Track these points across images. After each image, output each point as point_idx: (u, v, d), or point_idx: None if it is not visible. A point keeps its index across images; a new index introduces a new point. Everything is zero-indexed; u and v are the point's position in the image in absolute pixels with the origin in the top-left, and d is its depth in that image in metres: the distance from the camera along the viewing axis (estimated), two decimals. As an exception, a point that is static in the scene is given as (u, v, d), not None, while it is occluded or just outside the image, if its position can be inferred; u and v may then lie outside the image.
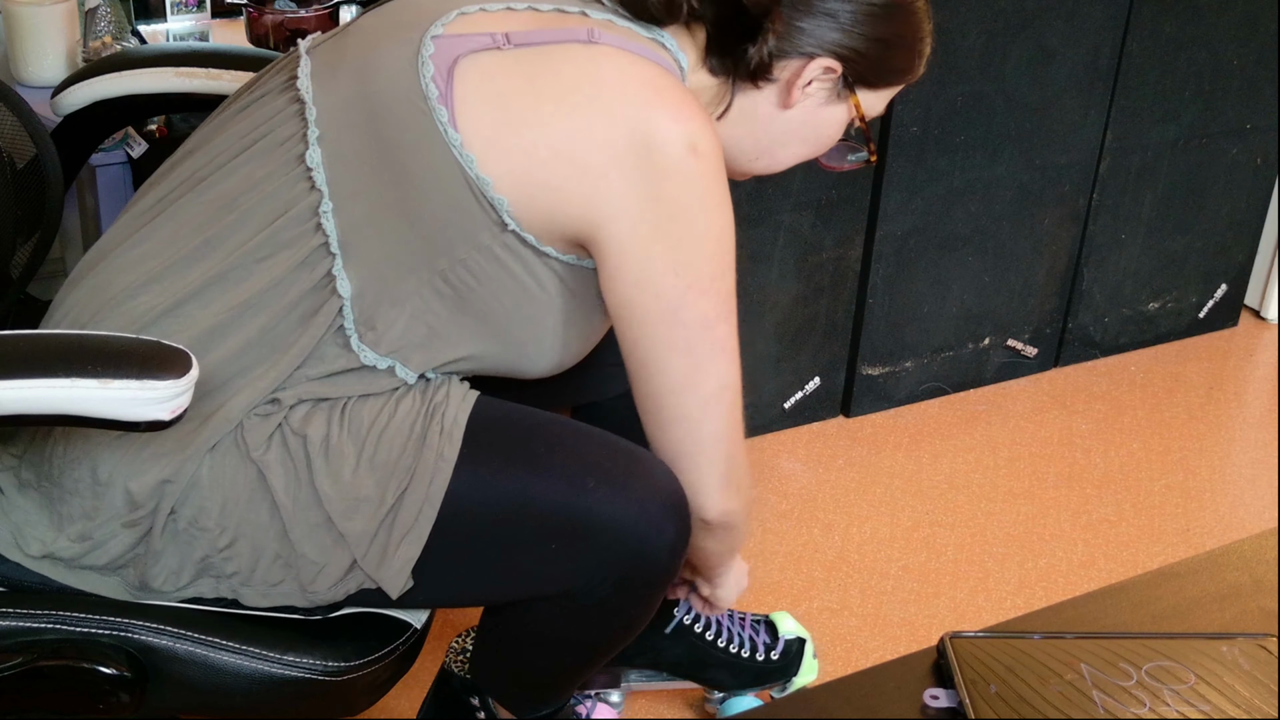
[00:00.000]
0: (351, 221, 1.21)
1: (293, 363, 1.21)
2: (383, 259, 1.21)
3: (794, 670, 1.79)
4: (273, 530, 1.22)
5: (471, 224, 1.20)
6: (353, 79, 1.24)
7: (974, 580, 2.12)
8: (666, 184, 1.18)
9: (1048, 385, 2.64)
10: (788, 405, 2.41)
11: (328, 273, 1.21)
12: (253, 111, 1.29)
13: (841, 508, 2.26)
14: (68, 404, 1.05)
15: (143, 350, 1.08)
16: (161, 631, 1.21)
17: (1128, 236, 2.61)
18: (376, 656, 1.25)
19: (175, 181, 1.29)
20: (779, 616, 1.81)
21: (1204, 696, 1.12)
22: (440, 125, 1.18)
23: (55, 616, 1.20)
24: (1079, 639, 1.19)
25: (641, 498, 1.23)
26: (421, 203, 1.20)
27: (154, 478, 1.20)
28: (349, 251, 1.21)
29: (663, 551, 1.25)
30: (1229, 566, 1.33)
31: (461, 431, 1.23)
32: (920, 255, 2.39)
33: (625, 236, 1.19)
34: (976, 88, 2.29)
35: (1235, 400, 2.65)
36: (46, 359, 1.06)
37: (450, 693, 1.55)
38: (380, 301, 1.22)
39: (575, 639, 1.35)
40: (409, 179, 1.19)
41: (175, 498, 1.20)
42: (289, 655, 1.22)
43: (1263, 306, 2.89)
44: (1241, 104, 2.58)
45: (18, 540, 1.23)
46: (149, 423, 1.06)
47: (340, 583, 1.24)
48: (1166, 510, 2.31)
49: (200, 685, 1.22)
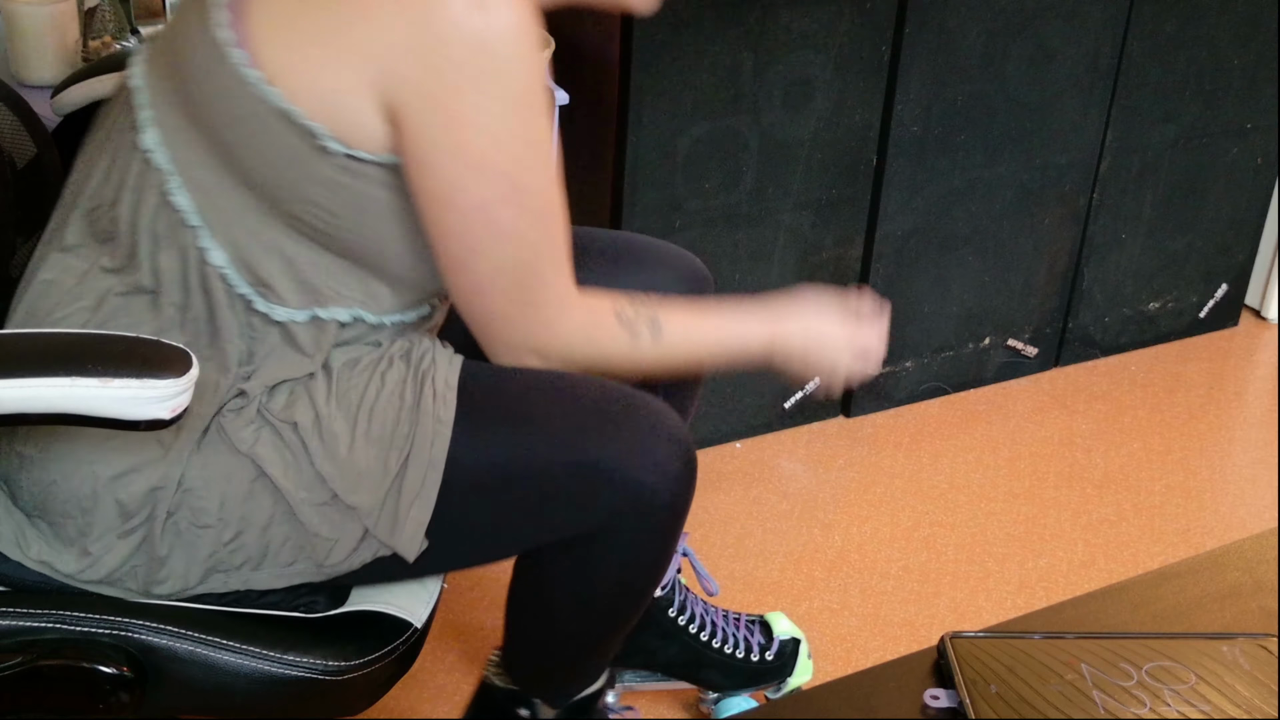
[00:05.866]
0: (203, 192, 1.21)
1: (234, 343, 1.23)
2: (238, 221, 1.22)
3: (789, 671, 1.79)
4: (278, 515, 1.22)
5: (298, 158, 1.18)
6: (166, 52, 1.25)
7: (974, 580, 2.12)
8: (444, 49, 1.14)
9: (1048, 385, 2.63)
10: (788, 405, 2.41)
11: (196, 247, 1.22)
12: (108, 111, 1.31)
13: (841, 508, 2.26)
14: (68, 403, 1.05)
15: (143, 350, 1.09)
16: (162, 631, 1.21)
17: (1128, 236, 2.61)
18: (377, 656, 1.25)
19: (67, 190, 1.32)
20: (774, 617, 1.81)
21: (1204, 697, 1.12)
22: (239, 69, 1.17)
23: (55, 616, 1.20)
24: (1079, 639, 1.19)
25: (642, 436, 1.24)
26: (246, 153, 1.19)
27: (142, 486, 1.20)
28: (210, 221, 1.22)
29: (667, 488, 1.25)
30: (1229, 566, 1.33)
31: (454, 393, 1.25)
32: (920, 255, 2.39)
33: (410, 114, 1.16)
34: (977, 88, 2.29)
35: (1236, 400, 2.65)
36: (47, 358, 1.06)
37: (492, 704, 1.54)
38: (259, 261, 1.22)
39: (598, 597, 1.34)
40: (229, 132, 1.19)
41: (169, 503, 1.20)
42: (289, 655, 1.22)
43: (1263, 306, 2.88)
44: (1242, 103, 2.58)
45: (19, 540, 1.23)
46: (150, 421, 1.07)
47: (355, 552, 1.25)
48: (1167, 510, 2.31)
49: (201, 685, 1.22)
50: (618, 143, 2.07)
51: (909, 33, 2.17)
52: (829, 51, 2.13)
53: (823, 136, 2.19)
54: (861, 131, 2.23)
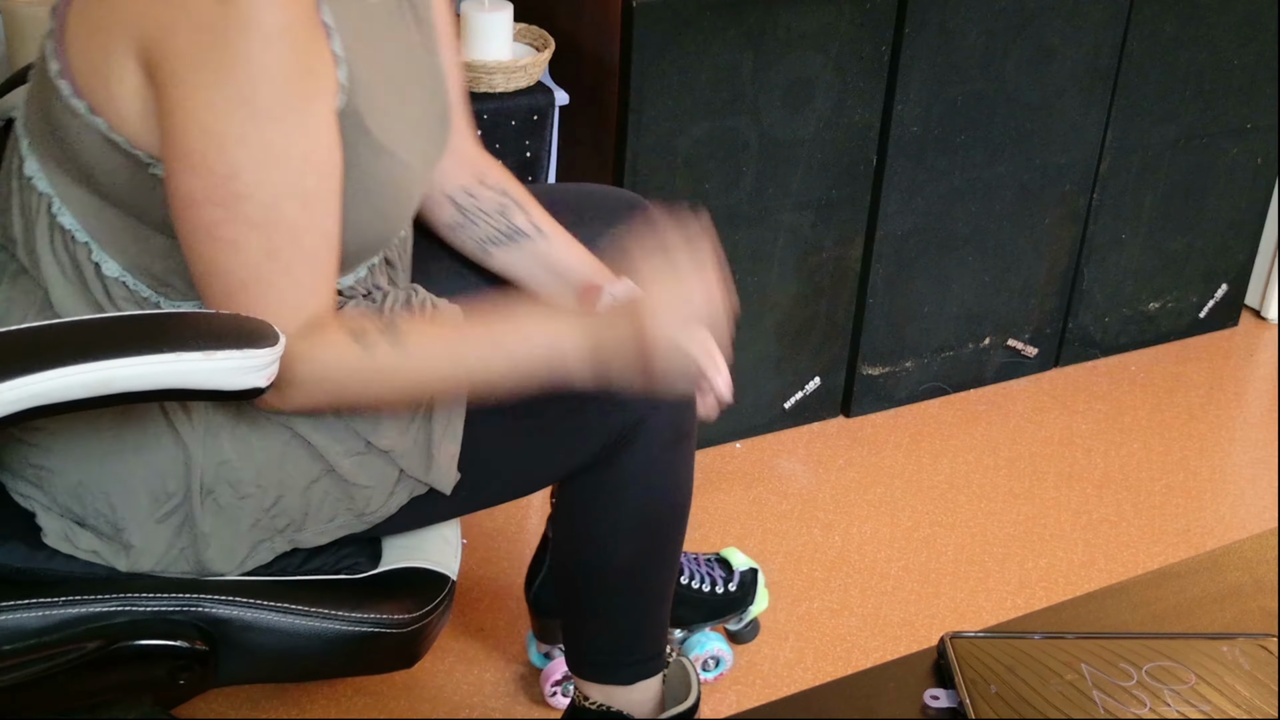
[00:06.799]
0: (82, 211, 1.21)
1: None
2: (122, 232, 1.21)
3: (749, 600, 1.90)
4: (317, 471, 1.25)
5: (142, 181, 1.16)
6: (33, 82, 1.23)
7: (974, 580, 2.12)
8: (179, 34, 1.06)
9: (1048, 385, 2.63)
10: (788, 405, 2.41)
11: (92, 261, 1.22)
12: (10, 140, 1.30)
13: (842, 508, 2.26)
14: (175, 378, 1.08)
15: (233, 323, 1.12)
16: (230, 602, 1.24)
17: (1128, 236, 2.61)
18: (431, 606, 1.30)
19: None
20: (729, 552, 1.92)
21: (1204, 697, 1.12)
22: (68, 100, 1.15)
23: (123, 599, 1.22)
24: (1079, 639, 1.19)
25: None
26: (100, 175, 1.18)
27: (168, 470, 1.21)
28: (97, 236, 1.21)
29: (668, 405, 1.33)
30: (1229, 567, 1.33)
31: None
32: (920, 255, 2.39)
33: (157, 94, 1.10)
34: (977, 87, 2.29)
35: (1236, 400, 2.65)
36: (152, 336, 1.09)
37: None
38: (152, 263, 1.22)
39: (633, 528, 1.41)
40: (80, 157, 1.18)
41: (201, 480, 1.22)
42: (355, 613, 1.26)
43: (1263, 306, 2.88)
44: (1242, 103, 2.58)
45: (68, 535, 1.25)
46: (248, 390, 1.10)
47: (392, 495, 1.28)
48: (1167, 510, 2.31)
49: (273, 650, 1.25)
50: (618, 143, 2.07)
51: (909, 33, 2.17)
52: (829, 51, 2.13)
53: (823, 136, 2.19)
54: (861, 131, 2.22)
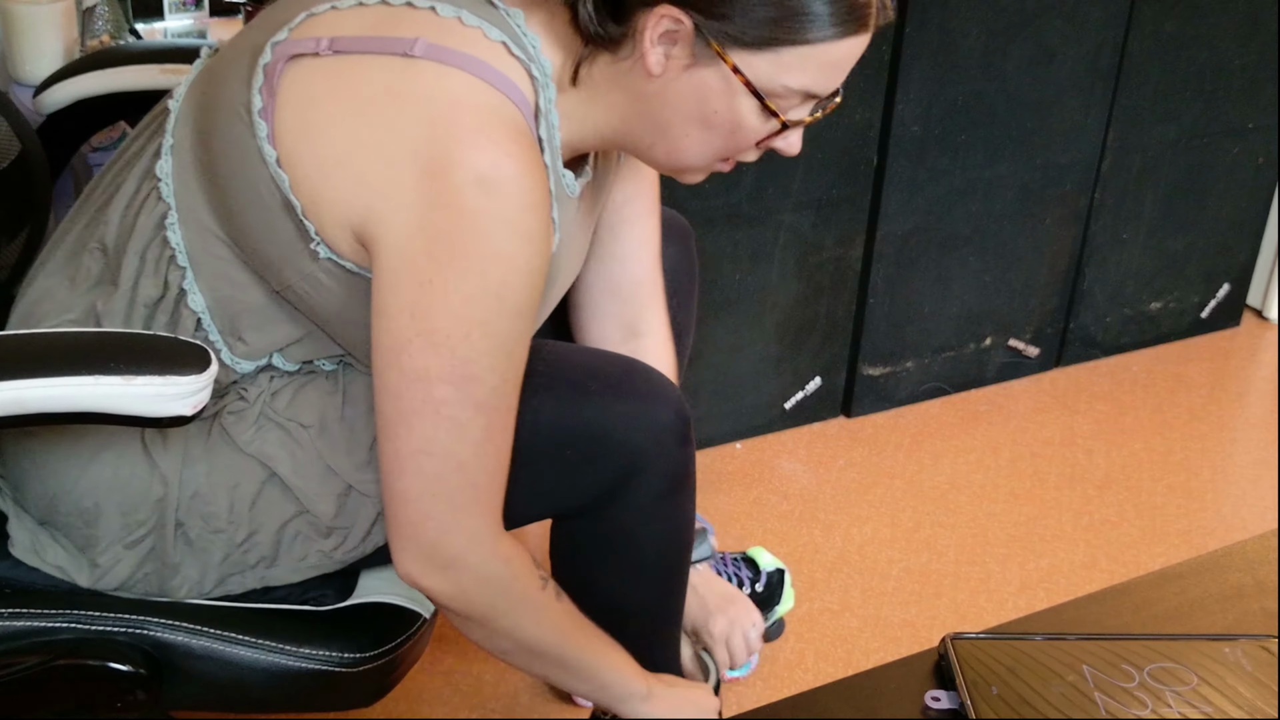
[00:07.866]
0: (197, 235, 1.18)
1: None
2: (223, 273, 1.19)
3: (777, 599, 1.92)
4: (291, 510, 1.22)
5: (290, 246, 1.15)
6: (203, 85, 1.20)
7: (975, 581, 2.12)
8: (436, 214, 1.07)
9: (1049, 385, 2.63)
10: (788, 405, 2.41)
11: (179, 287, 1.20)
12: (146, 123, 1.28)
13: (842, 508, 2.26)
14: (92, 401, 1.06)
15: (163, 347, 1.10)
16: (177, 628, 1.21)
17: (1129, 236, 2.60)
18: (392, 646, 1.26)
19: (84, 198, 1.30)
20: (756, 552, 1.93)
21: (1206, 698, 1.12)
22: (260, 141, 1.12)
23: (71, 616, 1.21)
24: (1081, 640, 1.18)
25: (642, 395, 1.26)
26: (244, 219, 1.15)
27: (142, 496, 1.20)
28: (197, 265, 1.19)
29: (670, 439, 1.26)
30: (1231, 568, 1.33)
31: None
32: (921, 255, 2.39)
33: (385, 258, 1.10)
34: (977, 87, 2.29)
35: (1237, 400, 2.65)
36: (71, 357, 1.08)
37: None
38: (238, 314, 1.20)
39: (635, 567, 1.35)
40: (234, 193, 1.15)
41: (175, 512, 1.20)
42: (304, 648, 1.23)
43: (1265, 306, 2.88)
44: (1242, 103, 2.57)
45: (35, 546, 1.24)
46: (171, 418, 1.08)
47: (368, 537, 1.25)
48: (1168, 511, 2.30)
49: (217, 680, 1.23)
50: (617, 142, 2.07)
51: (909, 32, 2.17)
52: (829, 51, 2.12)
53: (823, 136, 2.18)
54: (862, 131, 2.22)
